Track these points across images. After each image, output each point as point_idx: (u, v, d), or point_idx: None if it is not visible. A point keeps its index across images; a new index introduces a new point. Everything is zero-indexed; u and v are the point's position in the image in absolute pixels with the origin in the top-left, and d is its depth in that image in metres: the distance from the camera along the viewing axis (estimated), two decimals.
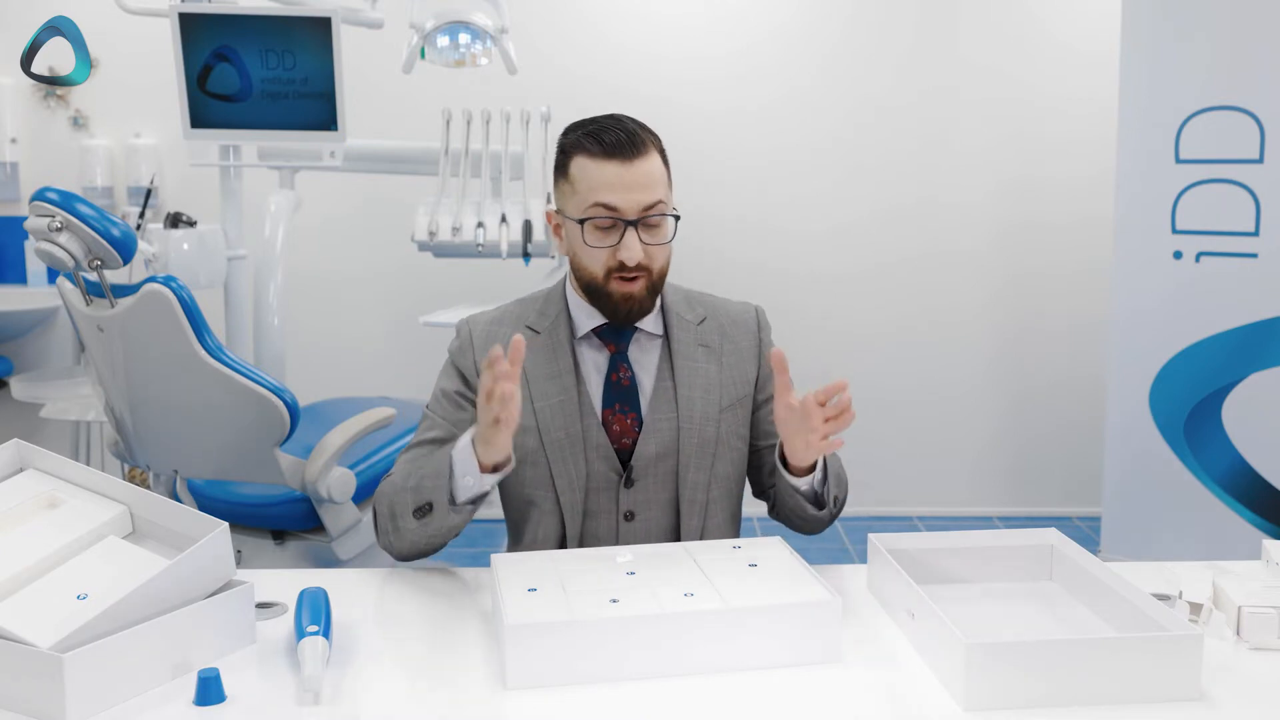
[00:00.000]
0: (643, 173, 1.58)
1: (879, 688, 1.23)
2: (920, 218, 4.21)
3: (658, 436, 1.65)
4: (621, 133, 1.58)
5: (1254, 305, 3.06)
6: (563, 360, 1.66)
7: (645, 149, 1.59)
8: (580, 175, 1.59)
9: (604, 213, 1.57)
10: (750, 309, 1.78)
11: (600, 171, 1.57)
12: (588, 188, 1.58)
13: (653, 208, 1.58)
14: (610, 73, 4.09)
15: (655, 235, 1.60)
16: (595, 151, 1.58)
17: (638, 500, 1.65)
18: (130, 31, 3.46)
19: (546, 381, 1.65)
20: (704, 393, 1.67)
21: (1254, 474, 3.09)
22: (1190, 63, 3.13)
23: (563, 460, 1.63)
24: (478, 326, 1.71)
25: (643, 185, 1.57)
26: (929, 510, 4.32)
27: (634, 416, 1.65)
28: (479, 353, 1.68)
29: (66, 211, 2.20)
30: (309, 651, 1.22)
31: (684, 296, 1.75)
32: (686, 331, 1.70)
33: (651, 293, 1.63)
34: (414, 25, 3.08)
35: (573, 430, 1.63)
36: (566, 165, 1.62)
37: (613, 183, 1.57)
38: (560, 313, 1.69)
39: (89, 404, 3.26)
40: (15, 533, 1.32)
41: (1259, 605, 1.35)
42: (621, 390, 1.66)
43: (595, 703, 1.19)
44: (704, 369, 1.69)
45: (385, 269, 4.14)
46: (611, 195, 1.57)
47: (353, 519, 2.61)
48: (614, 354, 1.67)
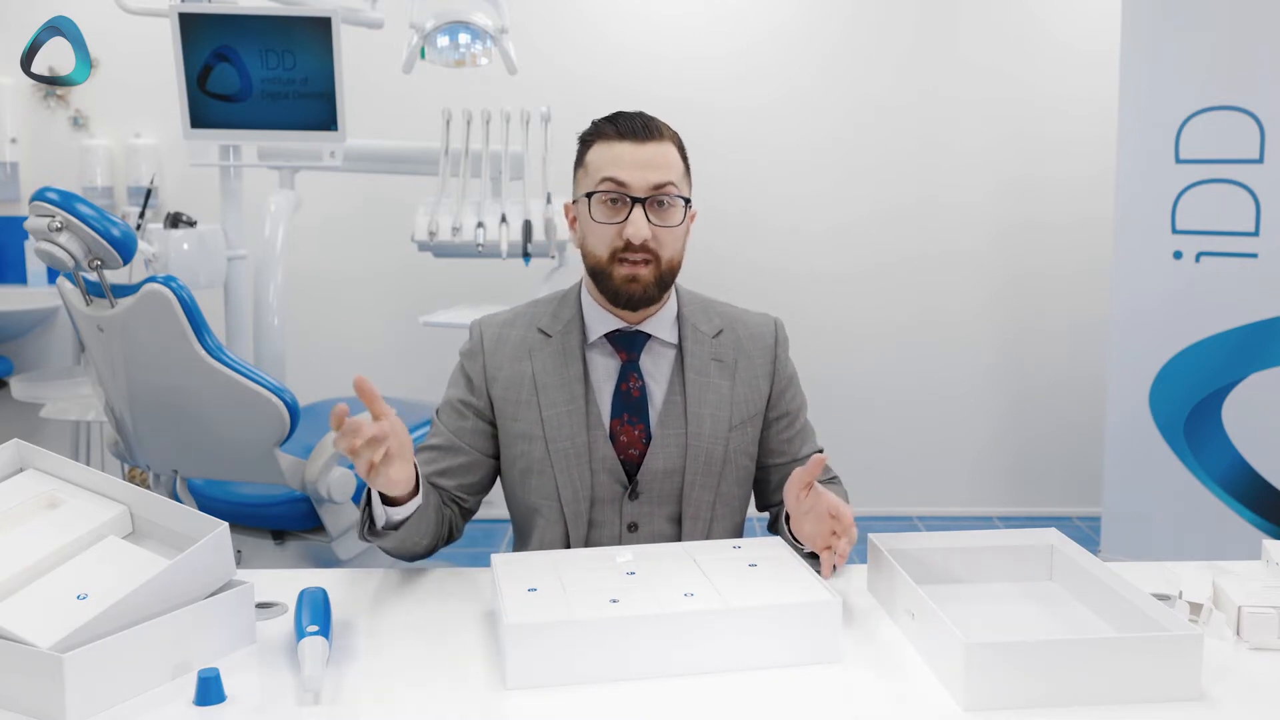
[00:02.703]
0: (656, 153, 1.58)
1: (879, 688, 1.23)
2: (920, 218, 4.21)
3: (665, 452, 1.63)
4: (637, 118, 1.60)
5: (1254, 305, 3.06)
6: (573, 367, 1.63)
7: (661, 136, 1.60)
8: (594, 158, 1.60)
9: (612, 187, 1.57)
10: (769, 322, 1.74)
11: (612, 150, 1.58)
12: (599, 166, 1.59)
13: (663, 188, 1.57)
14: (610, 73, 4.09)
15: (664, 217, 1.58)
16: (610, 134, 1.60)
17: (641, 513, 1.64)
18: (130, 31, 3.46)
19: (555, 389, 1.63)
20: (714, 410, 1.65)
21: (1254, 474, 3.09)
22: (1190, 63, 3.13)
23: (568, 471, 1.61)
24: (489, 329, 1.69)
25: (654, 165, 1.57)
26: (929, 510, 4.32)
27: (642, 428, 1.63)
28: (489, 356, 1.67)
29: (66, 211, 2.20)
30: (309, 651, 1.22)
31: (701, 306, 1.72)
32: (701, 344, 1.67)
33: (659, 284, 1.60)
34: (414, 25, 3.08)
35: (579, 441, 1.61)
36: (584, 154, 1.63)
37: (623, 159, 1.57)
38: (574, 317, 1.66)
39: (89, 404, 3.26)
40: (15, 533, 1.32)
41: (1259, 605, 1.35)
42: (631, 401, 1.64)
43: (595, 703, 1.19)
44: (716, 384, 1.66)
45: (385, 269, 4.14)
46: (621, 171, 1.57)
47: (353, 519, 2.61)
48: (625, 362, 1.65)
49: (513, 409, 1.64)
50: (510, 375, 1.65)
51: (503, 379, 1.65)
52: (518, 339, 1.67)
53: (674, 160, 1.60)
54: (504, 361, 1.66)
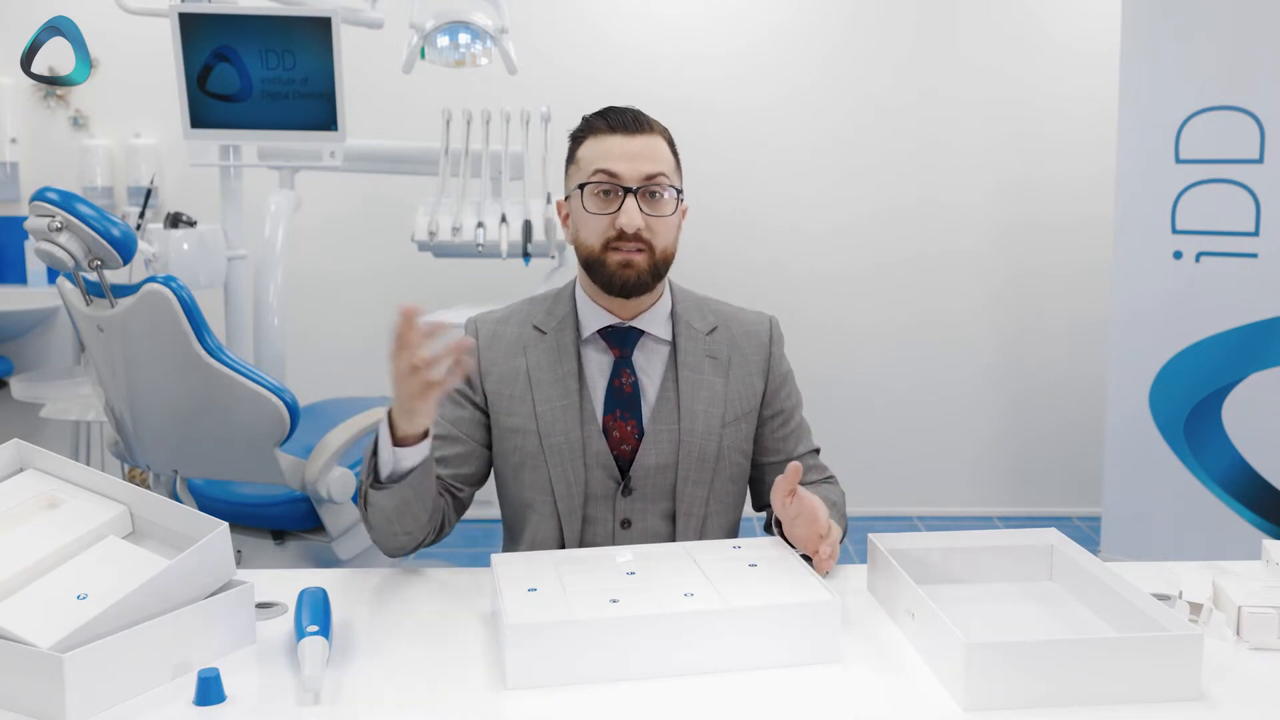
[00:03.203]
0: (646, 145, 1.60)
1: (879, 688, 1.23)
2: (920, 218, 4.21)
3: (658, 448, 1.64)
4: (628, 113, 1.62)
5: (1254, 305, 3.06)
6: (567, 363, 1.65)
7: (650, 129, 1.62)
8: (586, 152, 1.62)
9: (605, 178, 1.58)
10: (764, 320, 1.75)
11: (603, 143, 1.60)
12: (590, 159, 1.61)
13: (654, 178, 1.59)
14: (610, 73, 4.09)
15: (656, 207, 1.60)
16: (601, 128, 1.62)
17: (635, 509, 1.65)
18: (130, 31, 3.46)
19: (549, 384, 1.64)
20: (707, 406, 1.65)
21: (1254, 474, 3.09)
22: (1190, 63, 3.13)
23: (561, 465, 1.62)
24: (484, 326, 1.71)
25: (645, 156, 1.59)
26: (929, 510, 4.32)
27: (634, 424, 1.64)
28: (484, 351, 1.68)
29: (66, 211, 2.20)
30: (309, 651, 1.22)
31: (696, 304, 1.73)
32: (694, 341, 1.68)
33: (654, 272, 1.61)
34: (414, 25, 3.08)
35: (573, 436, 1.62)
36: (576, 150, 1.65)
37: (614, 151, 1.59)
38: (568, 314, 1.68)
39: (89, 404, 3.26)
40: (15, 533, 1.32)
41: (1259, 605, 1.35)
42: (624, 397, 1.65)
43: (595, 703, 1.19)
44: (709, 381, 1.67)
45: (385, 269, 4.14)
46: (612, 162, 1.59)
47: (353, 519, 2.61)
48: (618, 358, 1.65)
49: (506, 403, 1.66)
50: (504, 370, 1.67)
51: (497, 374, 1.67)
52: (513, 335, 1.69)
53: (664, 153, 1.62)
54: (498, 357, 1.68)
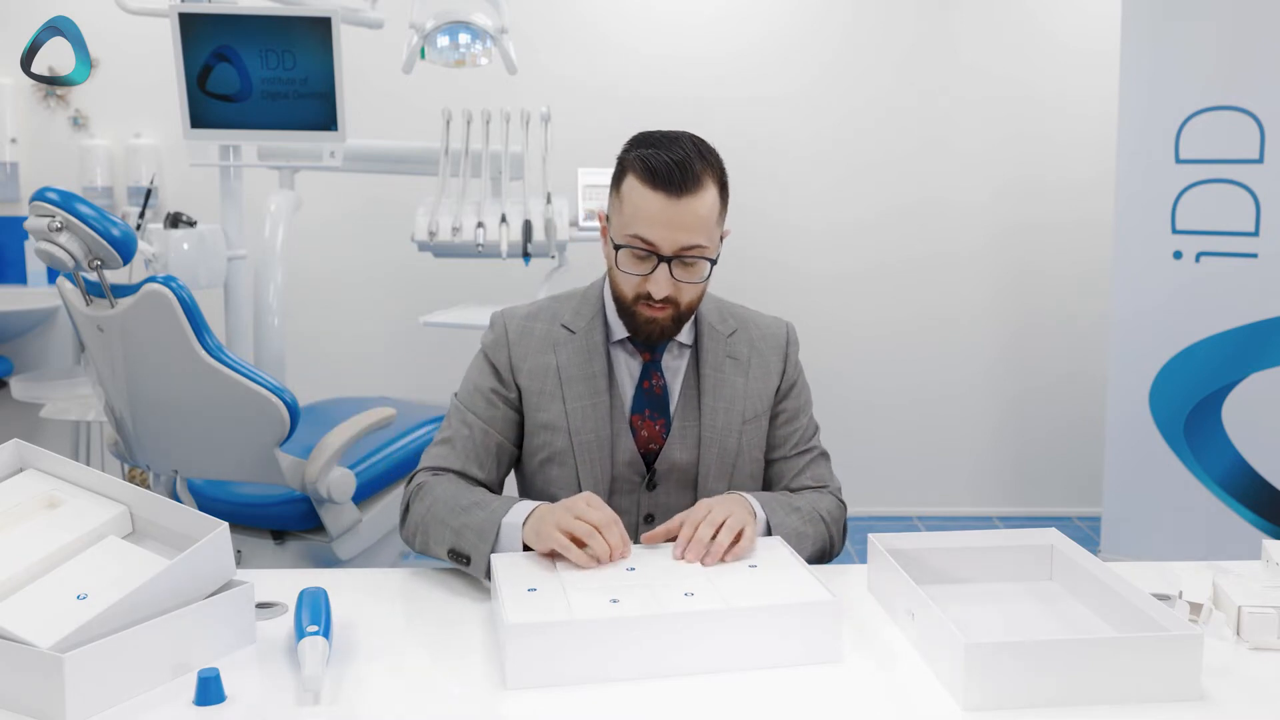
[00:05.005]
0: (689, 211, 1.54)
1: (879, 688, 1.23)
2: (921, 218, 4.21)
3: (683, 444, 1.68)
4: (675, 164, 1.52)
5: (1254, 305, 3.06)
6: (597, 363, 1.67)
7: (698, 184, 1.54)
8: (628, 198, 1.57)
9: (640, 245, 1.56)
10: (782, 325, 1.79)
11: (645, 202, 1.54)
12: (631, 215, 1.56)
13: (690, 249, 1.56)
14: (610, 73, 4.09)
15: (688, 274, 1.59)
16: (645, 178, 1.54)
17: (658, 504, 1.68)
18: (130, 31, 3.46)
19: (580, 382, 1.66)
20: (728, 404, 1.69)
21: (1254, 474, 3.09)
22: (1190, 63, 3.13)
23: (590, 462, 1.65)
24: (513, 321, 1.72)
25: (685, 225, 1.54)
26: (929, 510, 4.32)
27: (663, 423, 1.68)
28: (514, 347, 1.69)
29: (66, 211, 2.20)
30: (309, 651, 1.22)
31: (717, 307, 1.75)
32: (716, 342, 1.71)
33: (677, 323, 1.63)
34: (414, 25, 3.08)
35: (602, 433, 1.65)
36: (620, 180, 1.60)
37: (655, 217, 1.54)
38: (596, 314, 1.70)
39: (89, 404, 3.26)
40: (15, 533, 1.32)
41: (1259, 605, 1.35)
42: (654, 397, 1.68)
43: (595, 703, 1.19)
44: (730, 380, 1.70)
45: (385, 269, 4.14)
46: (651, 230, 1.54)
47: (353, 519, 2.61)
48: (648, 362, 1.68)
49: (537, 399, 1.68)
50: (535, 366, 1.68)
51: (528, 369, 1.68)
52: (542, 332, 1.70)
53: (707, 214, 1.55)
54: (529, 353, 1.69)
